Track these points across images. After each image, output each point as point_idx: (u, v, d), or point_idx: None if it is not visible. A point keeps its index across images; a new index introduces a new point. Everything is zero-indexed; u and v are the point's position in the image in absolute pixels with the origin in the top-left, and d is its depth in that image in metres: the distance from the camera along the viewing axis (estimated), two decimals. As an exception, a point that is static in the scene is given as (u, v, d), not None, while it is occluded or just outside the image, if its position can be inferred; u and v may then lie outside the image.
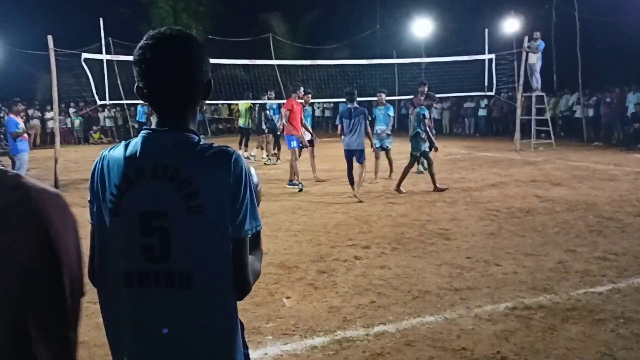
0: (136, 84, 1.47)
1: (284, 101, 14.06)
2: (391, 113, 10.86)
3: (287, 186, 9.88)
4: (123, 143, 1.48)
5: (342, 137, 8.89)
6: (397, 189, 9.17)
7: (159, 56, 1.42)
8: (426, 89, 10.58)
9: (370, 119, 9.07)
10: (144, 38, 1.45)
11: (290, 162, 10.07)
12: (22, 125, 10.21)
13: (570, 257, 5.32)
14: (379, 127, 10.63)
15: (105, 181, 1.43)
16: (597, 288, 4.46)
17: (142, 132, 1.47)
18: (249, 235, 1.46)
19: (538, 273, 4.87)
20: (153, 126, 1.48)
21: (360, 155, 8.66)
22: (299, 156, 10.27)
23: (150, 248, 1.37)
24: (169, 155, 1.40)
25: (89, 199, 1.51)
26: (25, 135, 10.30)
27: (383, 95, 10.77)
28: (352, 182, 8.80)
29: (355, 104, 8.82)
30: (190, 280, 1.37)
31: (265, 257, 5.76)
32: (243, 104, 16.26)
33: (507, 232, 6.37)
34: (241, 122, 16.44)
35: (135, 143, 1.44)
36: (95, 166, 1.48)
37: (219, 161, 1.40)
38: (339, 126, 9.03)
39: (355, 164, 8.83)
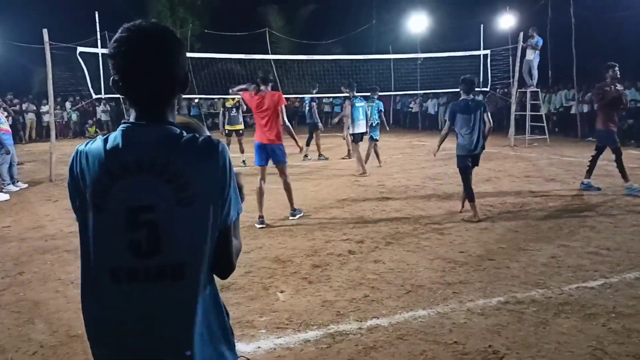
0: (112, 78, 1.46)
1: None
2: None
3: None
4: (101, 137, 1.46)
5: (442, 140, 7.14)
6: None
7: (134, 49, 1.41)
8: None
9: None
10: (119, 31, 1.43)
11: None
12: (4, 119, 10.20)
13: (563, 252, 5.35)
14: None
15: (86, 177, 1.41)
16: (589, 283, 4.49)
17: (121, 125, 1.46)
18: (234, 220, 1.49)
19: (531, 268, 4.90)
20: (131, 119, 1.47)
21: (478, 159, 7.06)
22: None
23: (139, 243, 1.37)
24: (155, 149, 1.39)
25: (69, 196, 1.49)
26: (8, 129, 10.27)
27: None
28: (473, 197, 6.86)
29: (472, 95, 7.03)
30: (183, 271, 1.38)
31: (259, 251, 5.79)
32: None
33: (501, 227, 6.40)
34: None
35: (115, 137, 1.43)
36: (73, 162, 1.46)
37: (208, 152, 1.41)
38: (447, 124, 7.07)
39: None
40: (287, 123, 6.97)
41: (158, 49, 1.43)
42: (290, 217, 7.11)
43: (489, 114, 7.08)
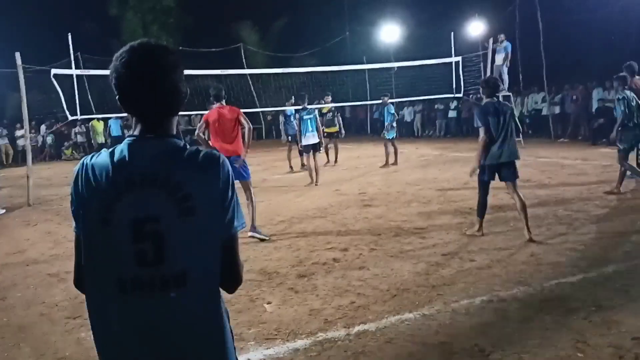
0: (117, 96, 1.51)
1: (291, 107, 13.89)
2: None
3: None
4: (107, 151, 1.50)
5: (485, 145, 6.03)
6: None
7: (137, 68, 1.46)
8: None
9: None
10: (121, 51, 1.49)
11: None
12: None
13: (542, 249, 5.47)
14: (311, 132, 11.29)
15: (93, 189, 1.45)
16: (568, 278, 4.60)
17: (127, 139, 1.51)
18: (238, 232, 1.53)
19: (511, 266, 5.01)
20: (136, 133, 1.52)
21: (513, 171, 5.99)
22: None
23: (144, 253, 1.41)
24: (158, 162, 1.44)
25: (72, 208, 1.52)
26: None
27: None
28: (484, 212, 6.15)
29: (496, 98, 6.15)
30: (184, 279, 1.42)
31: (244, 264, 5.79)
32: (99, 123, 16.84)
33: (481, 228, 6.50)
34: (100, 139, 16.90)
35: (122, 150, 1.47)
36: (78, 174, 1.49)
37: (209, 165, 1.47)
38: (482, 131, 6.04)
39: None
40: (250, 125, 6.99)
41: (158, 66, 1.49)
42: (250, 233, 6.59)
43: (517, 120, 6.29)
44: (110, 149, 1.51)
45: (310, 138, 11.16)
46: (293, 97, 13.64)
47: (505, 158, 5.92)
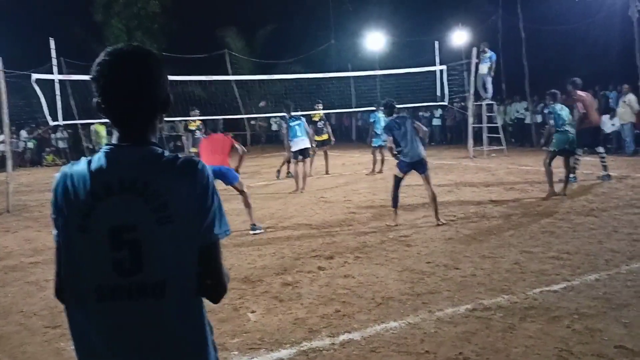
0: (95, 100, 1.48)
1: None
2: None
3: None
4: (85, 159, 1.48)
5: (393, 152, 7.83)
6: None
7: (117, 72, 1.44)
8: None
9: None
10: (102, 54, 1.46)
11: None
12: None
13: (525, 257, 5.50)
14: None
15: (71, 198, 1.43)
16: (552, 287, 4.62)
17: (104, 147, 1.48)
18: (219, 240, 1.49)
19: (495, 274, 5.02)
20: (114, 141, 1.49)
21: (423, 166, 7.48)
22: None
23: (122, 261, 1.38)
24: (135, 169, 1.42)
25: (52, 217, 1.50)
26: None
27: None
28: (396, 203, 7.64)
29: (395, 114, 7.87)
30: (163, 289, 1.39)
31: (228, 272, 5.71)
32: (102, 127, 16.79)
33: (465, 236, 6.53)
34: (104, 142, 17.11)
35: (99, 158, 1.45)
36: (57, 183, 1.47)
37: (186, 171, 1.44)
38: (390, 139, 7.75)
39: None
40: (244, 149, 7.88)
41: (139, 72, 1.46)
42: (251, 232, 7.45)
43: (419, 122, 7.85)
44: (89, 158, 1.48)
45: (300, 143, 11.16)
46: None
47: (415, 158, 7.39)
